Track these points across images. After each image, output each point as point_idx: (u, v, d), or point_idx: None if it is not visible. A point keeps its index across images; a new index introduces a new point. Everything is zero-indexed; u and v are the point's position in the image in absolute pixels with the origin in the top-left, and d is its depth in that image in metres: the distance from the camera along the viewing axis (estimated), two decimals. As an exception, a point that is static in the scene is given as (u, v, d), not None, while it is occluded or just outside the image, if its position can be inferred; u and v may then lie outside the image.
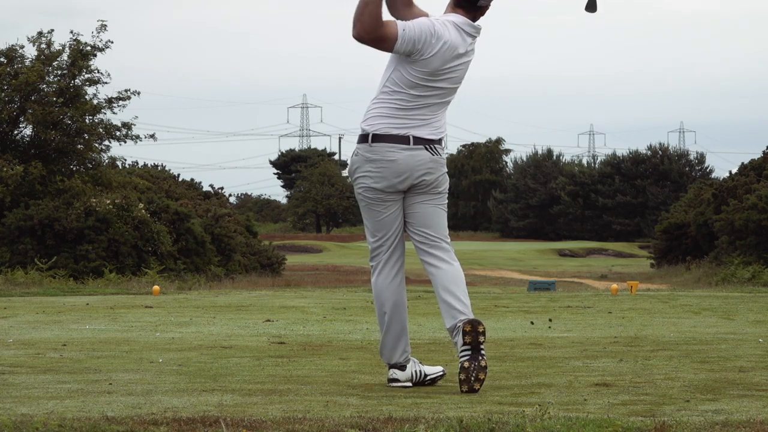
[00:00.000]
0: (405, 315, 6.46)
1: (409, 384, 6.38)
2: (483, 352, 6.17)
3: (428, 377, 6.42)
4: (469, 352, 6.15)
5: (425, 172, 6.34)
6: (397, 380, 6.38)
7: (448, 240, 6.54)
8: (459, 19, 6.31)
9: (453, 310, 6.28)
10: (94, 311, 13.55)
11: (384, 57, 6.40)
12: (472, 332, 6.16)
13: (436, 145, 6.36)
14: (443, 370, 6.50)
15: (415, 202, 6.43)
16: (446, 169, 6.48)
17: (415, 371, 6.38)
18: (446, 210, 6.54)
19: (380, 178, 6.35)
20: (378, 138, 6.30)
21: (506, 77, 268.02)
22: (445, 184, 6.49)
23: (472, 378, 6.12)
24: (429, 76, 6.26)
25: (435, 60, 6.24)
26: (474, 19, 6.34)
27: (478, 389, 6.12)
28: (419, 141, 6.31)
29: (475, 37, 6.36)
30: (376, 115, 6.33)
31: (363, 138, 6.34)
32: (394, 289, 6.44)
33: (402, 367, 6.40)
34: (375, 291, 6.50)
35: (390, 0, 6.41)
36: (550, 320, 11.58)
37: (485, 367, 6.15)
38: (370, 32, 6.18)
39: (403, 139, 6.29)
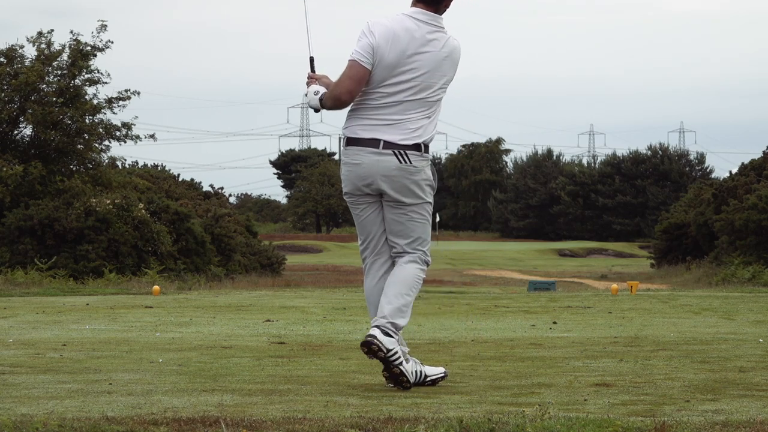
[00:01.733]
0: None
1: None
2: (392, 360, 6.16)
3: (428, 378, 6.40)
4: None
5: (389, 179, 6.28)
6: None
7: (419, 251, 6.40)
8: (411, 10, 6.30)
9: (381, 311, 6.27)
10: (94, 311, 13.55)
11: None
12: (369, 354, 6.18)
13: (408, 151, 6.26)
14: (445, 372, 6.48)
15: (386, 210, 6.40)
16: (424, 176, 6.33)
17: (416, 371, 6.36)
18: (423, 219, 6.40)
19: (347, 181, 6.38)
20: (350, 141, 6.32)
21: (506, 77, 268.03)
22: (419, 192, 6.34)
23: (396, 383, 6.22)
24: (388, 69, 6.22)
25: (389, 53, 6.21)
26: (438, 11, 6.29)
27: (409, 387, 6.23)
28: (389, 146, 6.24)
29: (434, 25, 6.26)
30: (351, 117, 6.35)
31: (344, 142, 6.40)
32: (380, 291, 6.42)
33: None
34: (365, 293, 6.53)
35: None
36: (554, 323, 11.58)
37: (399, 374, 6.18)
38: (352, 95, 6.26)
39: (372, 143, 6.26)
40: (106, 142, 30.88)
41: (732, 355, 8.03)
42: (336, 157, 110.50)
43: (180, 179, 46.00)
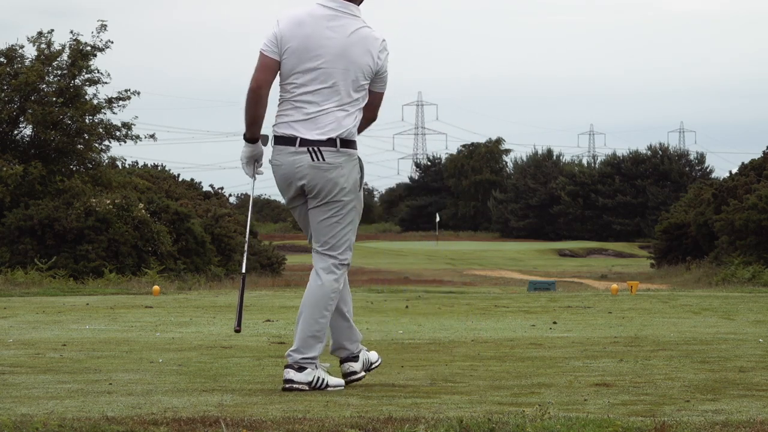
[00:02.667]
0: (343, 308, 6.37)
1: (364, 373, 6.41)
2: (317, 388, 6.17)
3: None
4: None
5: (303, 178, 6.20)
6: (355, 372, 6.36)
7: (332, 258, 6.31)
8: None
9: (295, 341, 6.24)
10: (94, 311, 13.55)
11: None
12: (289, 390, 6.14)
13: (322, 148, 6.17)
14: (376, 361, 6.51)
15: (309, 207, 6.32)
16: (340, 173, 6.19)
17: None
18: (339, 221, 6.27)
19: (277, 184, 6.35)
20: (275, 140, 6.28)
21: (506, 77, 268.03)
22: (334, 191, 6.21)
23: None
24: (295, 55, 6.16)
25: (294, 39, 6.18)
26: (357, 1, 6.23)
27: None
28: (304, 143, 6.17)
29: (344, 12, 6.19)
30: (276, 115, 6.28)
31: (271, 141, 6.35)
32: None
33: (355, 358, 6.39)
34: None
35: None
36: (554, 323, 11.58)
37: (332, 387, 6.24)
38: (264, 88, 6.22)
39: (290, 141, 6.20)
40: (106, 142, 30.90)
41: (732, 355, 8.03)
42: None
43: (180, 179, 46.00)
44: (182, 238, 32.24)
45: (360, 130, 6.34)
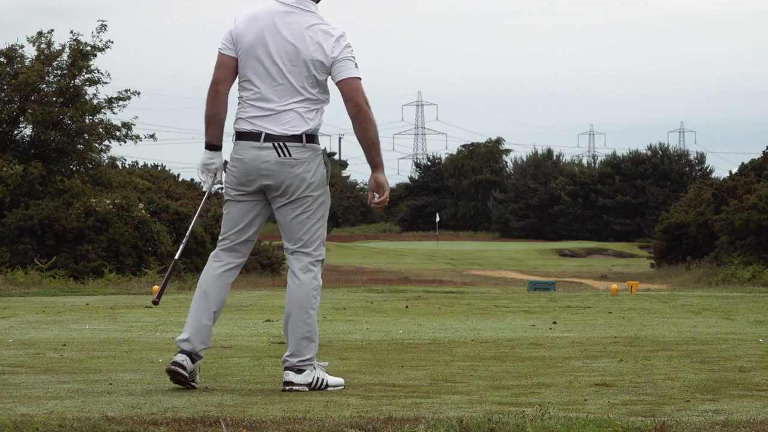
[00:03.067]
0: (212, 308, 6.28)
1: (188, 375, 6.21)
2: (316, 389, 6.18)
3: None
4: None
5: (269, 176, 6.19)
6: (184, 368, 6.18)
7: (309, 249, 6.30)
8: None
9: (289, 345, 6.24)
10: (94, 311, 13.55)
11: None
12: (288, 392, 6.13)
13: (288, 143, 6.16)
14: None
15: (275, 207, 6.30)
16: (307, 169, 6.18)
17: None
18: (310, 217, 6.26)
19: (230, 175, 6.30)
20: (236, 136, 6.26)
21: (506, 77, 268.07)
22: (302, 186, 6.21)
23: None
24: (250, 51, 6.15)
25: (248, 35, 6.17)
26: None
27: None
28: (270, 138, 6.16)
29: (299, 7, 6.18)
30: (236, 114, 6.28)
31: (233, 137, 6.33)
32: (220, 286, 6.33)
33: (194, 359, 6.23)
34: (200, 279, 6.39)
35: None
36: (554, 323, 11.58)
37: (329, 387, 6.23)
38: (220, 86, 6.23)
39: (254, 136, 6.18)
40: (106, 142, 30.92)
41: (732, 355, 8.03)
42: (336, 157, 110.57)
43: (180, 179, 46.04)
44: (181, 239, 32.23)
45: (357, 135, 6.26)
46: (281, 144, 6.16)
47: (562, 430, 4.64)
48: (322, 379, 6.24)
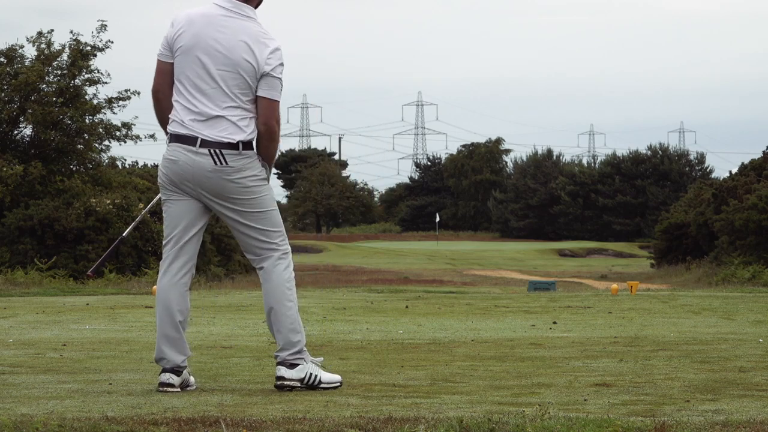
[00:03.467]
0: (177, 318, 6.21)
1: (179, 389, 6.17)
2: (311, 385, 6.19)
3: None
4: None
5: (206, 182, 6.15)
6: (172, 386, 6.14)
7: (274, 243, 6.26)
8: None
9: (277, 341, 6.27)
10: (94, 311, 13.54)
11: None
12: (281, 388, 6.16)
13: (224, 150, 6.11)
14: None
15: (219, 213, 6.27)
16: (246, 174, 6.14)
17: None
18: (263, 215, 6.22)
19: (163, 175, 6.25)
20: (171, 138, 6.21)
21: (506, 77, 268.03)
22: (244, 191, 6.16)
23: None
24: (186, 54, 6.12)
25: (184, 38, 6.14)
26: (247, 1, 6.20)
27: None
28: (205, 144, 6.11)
29: (235, 12, 6.14)
30: (172, 113, 6.22)
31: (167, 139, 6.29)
32: (178, 294, 6.24)
33: (178, 372, 6.18)
34: (157, 292, 6.29)
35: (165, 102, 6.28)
36: (554, 322, 11.58)
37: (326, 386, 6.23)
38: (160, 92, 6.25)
39: (190, 140, 6.13)
40: (106, 142, 30.90)
41: (732, 355, 8.03)
42: (336, 157, 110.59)
43: (180, 179, 45.91)
44: (182, 238, 32.23)
45: (261, 149, 6.19)
46: (217, 152, 6.12)
47: (562, 430, 4.64)
48: (316, 375, 6.23)
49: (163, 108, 6.27)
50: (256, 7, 6.25)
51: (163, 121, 6.29)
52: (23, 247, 28.26)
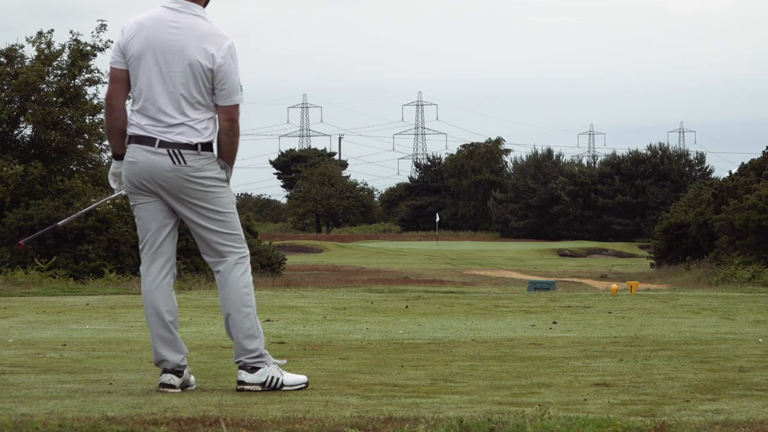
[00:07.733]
0: (167, 318, 6.20)
1: (179, 390, 6.17)
2: (273, 388, 6.15)
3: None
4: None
5: (165, 182, 6.12)
6: (173, 386, 6.15)
7: (232, 247, 6.24)
8: (164, 1, 6.22)
9: (234, 347, 6.23)
10: (94, 311, 13.55)
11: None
12: (241, 392, 6.11)
13: (183, 150, 6.08)
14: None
15: (179, 213, 6.23)
16: (204, 174, 6.11)
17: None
18: (222, 215, 6.19)
19: (126, 179, 6.23)
20: (129, 140, 6.17)
21: (506, 77, 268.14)
22: (203, 191, 6.14)
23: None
24: (138, 59, 6.08)
25: (135, 44, 6.11)
26: (203, 3, 6.19)
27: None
28: (164, 144, 6.08)
29: (185, 12, 6.11)
30: (129, 117, 6.20)
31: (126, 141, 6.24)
32: (163, 296, 6.21)
33: (179, 372, 6.19)
34: (142, 296, 6.28)
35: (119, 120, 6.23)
36: (554, 322, 11.58)
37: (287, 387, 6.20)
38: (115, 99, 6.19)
39: (148, 141, 6.10)
40: (106, 142, 30.89)
41: (732, 355, 8.04)
42: (336, 157, 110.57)
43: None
44: (182, 238, 32.23)
45: (224, 145, 6.16)
46: (176, 151, 6.09)
47: (562, 430, 4.65)
48: (278, 378, 6.19)
49: (115, 115, 6.18)
50: (204, 6, 6.22)
51: (112, 129, 6.20)
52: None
